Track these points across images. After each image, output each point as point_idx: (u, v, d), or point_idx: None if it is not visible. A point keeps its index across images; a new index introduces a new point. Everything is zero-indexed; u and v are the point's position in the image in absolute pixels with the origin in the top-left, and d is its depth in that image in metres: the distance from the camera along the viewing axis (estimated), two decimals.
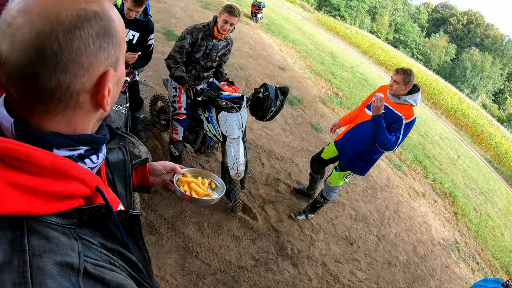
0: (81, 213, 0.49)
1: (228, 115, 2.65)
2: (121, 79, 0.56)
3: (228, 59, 3.13)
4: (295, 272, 2.99)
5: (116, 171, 0.78)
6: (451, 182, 7.26)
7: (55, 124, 0.47)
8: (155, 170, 1.02)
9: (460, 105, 15.57)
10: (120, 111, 2.41)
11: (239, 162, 2.63)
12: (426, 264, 4.26)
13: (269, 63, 7.81)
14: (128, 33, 2.71)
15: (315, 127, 5.82)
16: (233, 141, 2.67)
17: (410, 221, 4.91)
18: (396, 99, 2.68)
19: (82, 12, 0.44)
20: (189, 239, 2.61)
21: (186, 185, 1.04)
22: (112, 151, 0.82)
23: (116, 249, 0.55)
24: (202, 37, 2.72)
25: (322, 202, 3.45)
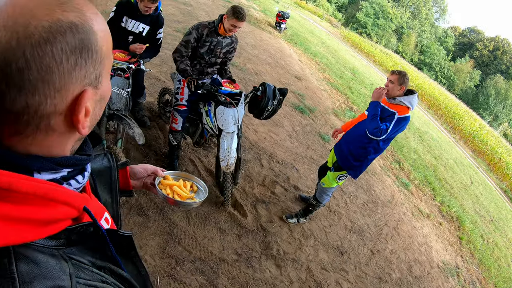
0: (69, 233, 0.46)
1: (225, 110, 2.70)
2: (105, 96, 0.50)
3: (233, 57, 3.19)
4: (277, 273, 2.95)
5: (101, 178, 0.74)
6: (460, 207, 6.95)
7: (27, 145, 0.42)
8: (136, 173, 0.98)
9: (479, 131, 14.96)
10: (122, 94, 2.51)
11: (230, 155, 2.66)
12: (420, 285, 4.07)
13: (286, 72, 7.85)
14: (139, 26, 2.87)
15: (323, 137, 5.77)
16: (228, 135, 2.71)
17: (409, 239, 4.73)
18: (392, 100, 2.74)
19: (56, 24, 0.38)
20: (175, 225, 2.65)
21: (168, 188, 1.01)
22: (96, 158, 0.76)
23: (107, 266, 0.52)
24: (207, 33, 2.82)
25: (315, 205, 3.40)
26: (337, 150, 3.19)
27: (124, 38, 2.89)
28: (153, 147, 3.27)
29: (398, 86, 2.71)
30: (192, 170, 3.26)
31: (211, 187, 3.21)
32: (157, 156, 3.21)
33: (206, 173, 3.35)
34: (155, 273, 2.27)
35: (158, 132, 3.55)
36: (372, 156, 3.02)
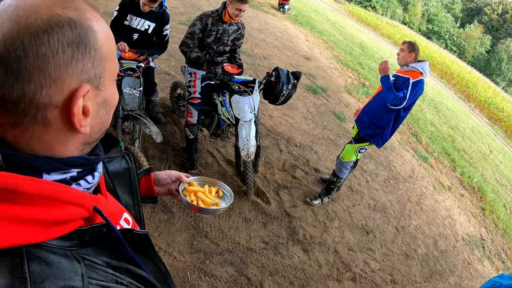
0: (82, 234, 0.46)
1: (240, 98, 2.57)
2: (110, 101, 0.48)
3: (242, 44, 3.02)
4: (305, 258, 2.86)
5: (120, 180, 0.73)
6: (481, 177, 6.67)
7: (29, 140, 0.42)
8: (160, 180, 0.95)
9: (494, 98, 14.21)
10: (134, 94, 2.40)
11: (249, 144, 2.54)
12: (446, 259, 3.93)
13: (295, 53, 7.54)
14: (144, 23, 2.73)
15: (339, 116, 5.54)
16: (245, 123, 2.58)
17: (433, 214, 4.55)
18: (405, 67, 2.82)
19: (55, 18, 0.39)
20: (200, 219, 2.56)
21: (193, 195, 0.97)
22: (114, 160, 0.75)
23: (124, 266, 0.51)
24: (212, 23, 2.69)
25: (335, 181, 3.31)
26: (358, 122, 3.16)
27: (129, 36, 2.75)
28: (170, 143, 3.16)
29: (408, 54, 2.79)
30: (211, 162, 3.15)
31: (232, 177, 3.10)
32: (175, 152, 3.10)
33: (225, 164, 3.23)
34: (185, 269, 2.20)
35: (174, 127, 3.43)
36: (395, 124, 2.99)
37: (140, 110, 2.45)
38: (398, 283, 3.22)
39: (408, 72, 2.81)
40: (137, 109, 2.40)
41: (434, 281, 3.52)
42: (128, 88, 2.37)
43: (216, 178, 3.06)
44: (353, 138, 3.18)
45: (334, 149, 4.55)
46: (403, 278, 3.30)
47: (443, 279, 3.62)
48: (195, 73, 2.80)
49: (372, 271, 3.16)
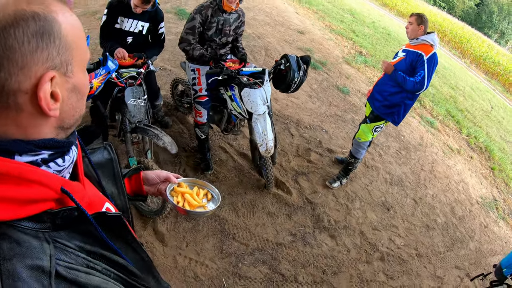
0: (53, 217, 0.47)
1: (251, 91, 2.39)
2: (80, 87, 0.50)
3: (243, 32, 2.79)
4: (333, 244, 2.81)
5: (104, 171, 0.74)
6: (486, 136, 6.64)
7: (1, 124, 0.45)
8: (149, 179, 0.95)
9: (489, 52, 13.95)
10: (139, 104, 2.20)
11: (267, 138, 2.39)
12: (464, 225, 3.94)
13: (287, 28, 7.21)
14: (137, 24, 2.47)
15: (342, 89, 5.37)
16: (259, 117, 2.42)
17: (446, 180, 4.53)
18: (415, 40, 2.73)
19: (20, 12, 0.43)
20: (225, 221, 2.46)
21: (180, 196, 0.95)
22: (96, 151, 0.75)
23: (98, 252, 0.52)
24: (211, 14, 2.45)
25: (353, 162, 3.24)
26: (371, 100, 3.05)
27: (122, 39, 2.49)
28: (180, 143, 2.99)
29: (417, 26, 2.71)
30: (225, 159, 3.01)
31: (250, 172, 2.98)
32: (186, 153, 2.94)
33: (240, 158, 3.10)
34: (219, 276, 2.13)
35: (180, 126, 3.23)
36: (410, 101, 2.91)
37: (148, 119, 2.27)
38: (423, 256, 3.22)
39: (418, 46, 2.70)
40: (144, 119, 2.22)
41: (456, 248, 3.54)
42: (132, 99, 2.16)
43: (233, 174, 2.95)
44: (368, 118, 3.06)
45: (343, 125, 4.43)
46: (427, 250, 3.30)
47: (464, 246, 3.64)
48: (199, 69, 2.59)
49: (398, 247, 3.14)
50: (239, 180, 2.84)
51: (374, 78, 6.57)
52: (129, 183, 0.94)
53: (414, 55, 2.67)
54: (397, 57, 2.88)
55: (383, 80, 2.96)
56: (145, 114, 2.23)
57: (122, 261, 0.55)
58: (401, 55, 2.83)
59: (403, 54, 2.80)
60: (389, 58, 8.31)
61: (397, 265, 2.97)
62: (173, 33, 4.78)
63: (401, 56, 2.81)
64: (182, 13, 5.76)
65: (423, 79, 2.60)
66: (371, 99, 3.04)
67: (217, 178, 2.77)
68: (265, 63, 5.25)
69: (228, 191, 2.70)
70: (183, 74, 4.00)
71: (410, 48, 2.76)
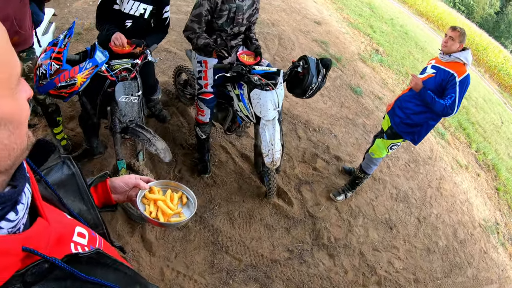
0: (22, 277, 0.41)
1: (262, 93, 2.11)
2: (9, 118, 0.38)
3: (257, 19, 2.44)
4: (331, 264, 2.63)
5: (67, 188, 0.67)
6: (495, 153, 6.41)
7: None
8: (116, 188, 0.87)
9: (505, 64, 13.48)
10: (132, 102, 1.90)
11: (275, 149, 2.13)
12: (465, 250, 3.78)
13: (304, 17, 6.80)
14: (139, 7, 2.11)
15: (355, 90, 5.07)
16: (268, 123, 2.15)
17: (452, 199, 4.34)
18: (447, 57, 2.47)
19: None
20: (219, 232, 2.25)
21: (153, 204, 0.87)
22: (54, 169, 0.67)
23: None
24: (222, 1, 2.10)
25: (362, 177, 3.02)
26: (392, 116, 2.78)
27: (120, 23, 2.14)
28: (177, 140, 2.72)
29: (457, 44, 2.45)
30: (225, 160, 2.76)
31: (250, 177, 2.75)
32: (184, 150, 2.67)
33: (241, 160, 2.85)
34: None
35: (180, 118, 2.94)
36: (433, 122, 2.66)
37: (141, 118, 1.97)
38: (420, 281, 3.07)
39: (450, 64, 2.44)
40: (137, 117, 1.93)
41: (453, 275, 3.39)
42: (124, 96, 1.85)
43: (233, 178, 2.71)
44: (385, 133, 2.80)
45: (354, 130, 4.17)
46: (425, 276, 3.14)
47: (462, 273, 3.49)
48: (206, 61, 2.29)
49: (396, 271, 2.98)
50: (238, 186, 2.61)
51: (389, 80, 6.26)
52: (96, 194, 0.85)
53: (446, 74, 2.43)
54: (426, 73, 2.61)
55: (407, 97, 2.68)
56: (138, 112, 1.93)
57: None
58: (430, 71, 2.56)
59: (432, 71, 2.53)
60: (405, 59, 8.00)
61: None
62: (183, 12, 4.41)
63: (430, 73, 2.54)
64: None
65: (454, 102, 2.37)
66: (392, 114, 2.77)
67: (215, 182, 2.53)
68: (277, 53, 4.91)
69: (225, 197, 2.47)
70: (189, 64, 3.70)
71: (441, 65, 2.49)
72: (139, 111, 1.93)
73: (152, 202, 0.88)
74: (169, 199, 0.91)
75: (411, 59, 8.18)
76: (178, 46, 3.79)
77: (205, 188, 2.44)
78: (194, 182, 2.43)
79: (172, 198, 0.92)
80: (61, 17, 3.80)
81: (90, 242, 0.59)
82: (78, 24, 3.72)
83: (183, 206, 0.93)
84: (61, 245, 0.50)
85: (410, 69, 7.50)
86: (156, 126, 2.75)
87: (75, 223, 0.59)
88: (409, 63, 7.72)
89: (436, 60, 2.57)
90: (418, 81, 2.50)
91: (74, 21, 1.93)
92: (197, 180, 2.45)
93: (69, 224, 0.57)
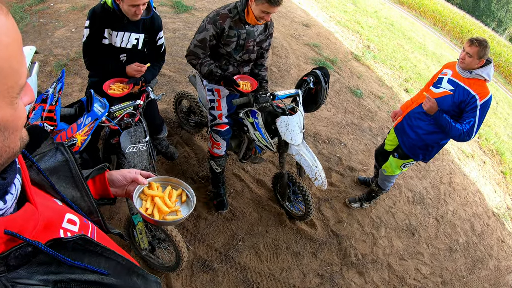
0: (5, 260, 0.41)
1: (289, 119, 2.02)
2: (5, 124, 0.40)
3: (270, 45, 2.25)
4: (362, 282, 2.54)
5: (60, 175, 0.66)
6: (496, 137, 6.43)
7: None
8: (114, 181, 0.85)
9: (490, 43, 13.60)
10: (140, 150, 1.72)
11: (319, 170, 2.06)
12: (483, 242, 3.75)
13: (292, 21, 6.72)
14: (130, 38, 1.93)
15: (355, 92, 5.00)
16: (300, 148, 2.08)
17: (464, 192, 4.30)
18: (467, 73, 2.17)
19: None
20: (247, 269, 2.14)
21: (150, 201, 0.85)
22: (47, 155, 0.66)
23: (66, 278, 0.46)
24: (230, 26, 1.94)
25: (377, 191, 2.92)
26: (400, 135, 2.58)
27: (114, 59, 1.98)
28: (187, 173, 2.58)
29: (477, 60, 2.10)
30: (240, 189, 2.64)
31: (269, 203, 2.64)
32: (196, 184, 2.52)
33: (256, 186, 2.75)
34: None
35: (186, 148, 2.80)
36: (446, 141, 2.44)
37: (152, 164, 1.83)
38: (447, 283, 3.02)
39: (471, 82, 2.15)
40: (147, 165, 1.78)
41: (477, 270, 3.35)
42: (131, 145, 1.68)
43: (252, 207, 2.61)
44: (397, 152, 2.61)
45: (361, 136, 4.10)
46: (451, 276, 3.09)
47: (484, 266, 3.46)
48: (218, 90, 2.15)
49: (424, 277, 2.92)
50: (258, 216, 2.50)
51: (385, 76, 6.22)
52: (93, 186, 0.84)
53: (466, 95, 2.14)
54: (441, 87, 2.31)
55: (417, 114, 2.42)
56: (148, 159, 1.78)
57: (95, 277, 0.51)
58: (447, 87, 2.26)
59: (450, 87, 2.24)
60: (397, 52, 7.98)
61: None
62: (170, 30, 4.29)
63: (447, 90, 2.25)
64: (180, 5, 5.21)
65: (472, 128, 2.11)
66: (401, 132, 2.56)
67: (234, 216, 2.42)
68: (273, 63, 4.82)
69: (247, 230, 2.36)
70: (185, 82, 3.56)
71: (461, 82, 2.19)
72: (149, 158, 1.78)
73: (149, 198, 0.85)
74: (167, 196, 0.87)
75: (401, 51, 8.17)
76: (171, 68, 3.66)
77: (225, 223, 2.33)
78: (212, 219, 2.31)
79: (171, 195, 0.88)
80: (44, 49, 3.62)
81: (82, 229, 0.58)
82: (63, 55, 3.56)
83: (182, 204, 0.90)
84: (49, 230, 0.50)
85: (402, 61, 7.49)
86: (162, 161, 2.63)
87: (66, 209, 0.59)
88: (400, 55, 7.70)
89: (453, 73, 2.26)
90: (433, 105, 2.20)
91: (63, 70, 1.79)
92: (216, 216, 2.34)
93: (59, 210, 0.57)
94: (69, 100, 2.92)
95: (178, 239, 1.71)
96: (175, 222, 0.84)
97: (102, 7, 1.83)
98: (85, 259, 0.51)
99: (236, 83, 2.00)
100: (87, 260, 0.51)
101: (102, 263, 0.55)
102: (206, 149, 2.86)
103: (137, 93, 1.95)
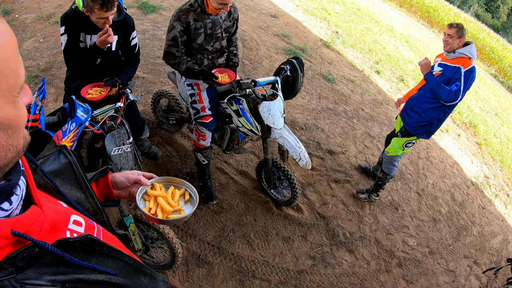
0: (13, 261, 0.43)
1: (271, 104, 2.21)
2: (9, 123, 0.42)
3: (237, 29, 2.41)
4: (353, 259, 2.75)
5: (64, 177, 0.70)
6: (468, 110, 6.92)
7: None
8: (117, 183, 0.89)
9: (456, 19, 14.53)
10: (125, 151, 1.82)
11: (302, 150, 2.26)
12: (465, 211, 4.09)
13: (260, 13, 6.89)
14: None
15: (328, 78, 5.25)
16: (282, 131, 2.28)
17: (442, 165, 4.65)
18: (452, 54, 2.65)
19: None
20: (241, 259, 2.28)
21: (153, 201, 0.89)
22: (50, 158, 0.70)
23: (73, 278, 0.49)
24: (194, 18, 2.09)
25: (383, 179, 3.19)
26: (404, 118, 2.98)
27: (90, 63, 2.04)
28: (171, 171, 2.68)
29: (457, 40, 2.61)
30: (225, 182, 2.78)
31: (254, 192, 2.79)
32: None
33: (240, 177, 2.89)
34: None
35: (167, 148, 2.89)
36: (443, 116, 2.85)
37: (138, 164, 1.92)
38: (435, 252, 3.29)
39: (456, 60, 2.61)
40: (133, 165, 1.87)
41: (462, 237, 3.66)
42: (115, 148, 1.77)
43: (238, 199, 2.75)
44: (399, 132, 2.99)
45: (337, 120, 4.33)
46: (438, 245, 3.37)
47: (468, 233, 3.78)
48: (198, 84, 2.28)
49: (412, 248, 3.17)
50: (245, 206, 2.64)
51: (356, 60, 6.53)
52: (97, 188, 0.88)
53: (452, 70, 2.60)
54: (433, 71, 2.78)
55: (418, 96, 2.87)
56: (134, 161, 1.87)
57: (103, 277, 0.53)
58: (437, 69, 2.73)
59: (440, 69, 2.71)
60: (365, 36, 8.36)
61: (414, 268, 3.00)
62: (140, 31, 4.33)
63: (437, 71, 2.72)
64: (147, 6, 5.24)
65: (459, 90, 2.52)
66: (405, 115, 2.96)
67: (222, 208, 2.55)
68: (244, 56, 4.96)
69: (236, 221, 2.50)
70: (159, 82, 3.64)
71: (447, 62, 2.67)
72: (134, 158, 1.88)
73: (152, 199, 0.89)
74: (170, 195, 0.91)
75: (370, 34, 8.56)
76: (144, 70, 3.72)
77: (214, 216, 2.45)
78: (201, 214, 2.43)
79: (174, 195, 0.92)
80: None
81: (88, 230, 0.60)
82: (33, 66, 3.54)
83: (186, 203, 0.94)
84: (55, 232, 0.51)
85: (371, 44, 7.87)
86: (145, 162, 2.71)
87: (71, 211, 0.61)
88: (369, 39, 8.08)
89: (442, 58, 2.75)
90: (427, 61, 2.70)
91: (43, 78, 1.85)
92: (204, 210, 2.46)
93: (64, 212, 0.59)
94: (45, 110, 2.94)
95: (171, 235, 1.82)
96: (179, 220, 0.87)
97: (73, 12, 1.90)
98: (92, 259, 0.54)
99: (214, 76, 2.14)
100: (95, 260, 0.54)
101: (110, 263, 0.58)
102: (187, 147, 2.96)
103: (115, 96, 2.03)
